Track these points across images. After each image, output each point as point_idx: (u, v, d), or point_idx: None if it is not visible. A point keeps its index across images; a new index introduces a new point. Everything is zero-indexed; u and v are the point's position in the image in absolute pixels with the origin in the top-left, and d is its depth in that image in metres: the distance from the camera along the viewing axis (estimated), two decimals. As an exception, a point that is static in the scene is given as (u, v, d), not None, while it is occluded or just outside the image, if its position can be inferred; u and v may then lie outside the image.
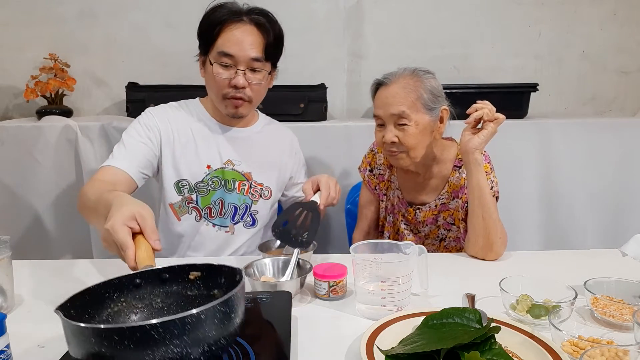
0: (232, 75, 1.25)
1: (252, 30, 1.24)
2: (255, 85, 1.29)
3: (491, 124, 1.19)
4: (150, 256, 0.82)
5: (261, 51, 1.26)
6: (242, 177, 1.38)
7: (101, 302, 0.73)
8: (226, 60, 1.24)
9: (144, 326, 0.56)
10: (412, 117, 1.23)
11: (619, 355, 0.68)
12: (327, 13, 2.18)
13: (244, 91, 1.28)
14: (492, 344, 0.69)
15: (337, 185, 1.22)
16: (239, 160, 1.38)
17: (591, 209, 2.05)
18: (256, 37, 1.25)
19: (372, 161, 1.50)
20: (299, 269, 1.04)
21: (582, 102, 2.34)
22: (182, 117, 1.36)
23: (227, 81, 1.26)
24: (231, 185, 1.36)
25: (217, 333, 0.62)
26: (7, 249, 0.93)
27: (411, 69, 1.28)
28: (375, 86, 1.30)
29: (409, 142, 1.25)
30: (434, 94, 1.25)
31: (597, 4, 2.23)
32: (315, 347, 0.80)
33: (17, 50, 2.16)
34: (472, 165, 1.20)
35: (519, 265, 1.17)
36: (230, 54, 1.23)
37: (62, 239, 1.98)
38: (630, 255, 0.94)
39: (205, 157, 1.35)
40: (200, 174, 1.34)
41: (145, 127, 1.31)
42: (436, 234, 1.43)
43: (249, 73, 1.26)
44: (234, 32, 1.23)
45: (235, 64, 1.24)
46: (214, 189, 1.35)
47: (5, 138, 1.91)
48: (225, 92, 1.27)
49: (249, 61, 1.25)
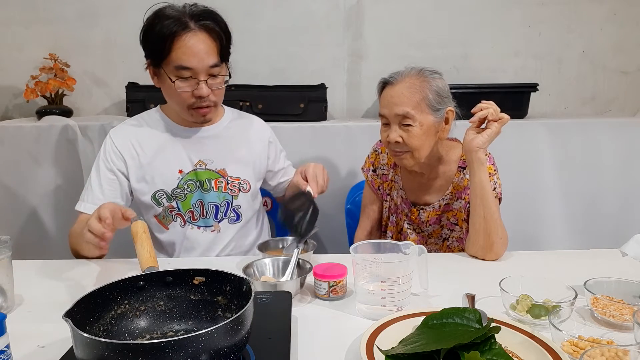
0: (193, 87, 1.23)
1: (205, 38, 1.21)
2: (217, 89, 1.28)
3: (495, 123, 1.19)
4: (153, 257, 0.82)
5: (217, 56, 1.24)
6: (216, 174, 1.37)
7: (105, 305, 0.74)
8: (185, 73, 1.21)
9: (159, 343, 0.56)
10: (416, 117, 1.23)
11: (619, 355, 0.68)
12: (327, 13, 2.18)
13: (208, 98, 1.26)
14: (492, 344, 0.69)
15: (325, 172, 1.24)
16: (210, 159, 1.37)
17: (591, 209, 2.05)
18: (209, 43, 1.22)
19: (376, 161, 1.49)
20: (299, 269, 1.04)
21: (582, 102, 2.34)
22: (142, 131, 1.36)
23: (190, 93, 1.24)
24: (207, 185, 1.36)
25: (227, 347, 0.62)
26: (7, 249, 0.93)
27: (418, 68, 1.27)
28: (381, 85, 1.30)
29: (413, 142, 1.25)
30: (440, 95, 1.25)
31: (597, 4, 2.23)
32: (315, 347, 0.80)
33: (17, 50, 2.16)
34: (475, 164, 1.20)
35: (519, 265, 1.17)
36: (189, 67, 1.20)
37: (62, 239, 1.98)
38: (630, 255, 0.94)
39: (175, 162, 1.34)
40: (174, 180, 1.34)
41: (108, 162, 1.32)
42: (439, 234, 1.43)
43: (209, 80, 1.24)
44: (187, 44, 1.19)
45: (195, 75, 1.22)
46: (191, 192, 1.35)
47: (5, 138, 1.91)
48: (190, 103, 1.26)
49: (208, 69, 1.23)
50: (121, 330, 0.75)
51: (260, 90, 2.00)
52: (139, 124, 1.38)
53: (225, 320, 0.62)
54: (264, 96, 1.99)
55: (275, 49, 2.19)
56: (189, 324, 0.79)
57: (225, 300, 0.78)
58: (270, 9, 2.15)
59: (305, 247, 1.17)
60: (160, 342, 0.56)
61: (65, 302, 0.71)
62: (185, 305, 0.79)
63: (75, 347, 0.61)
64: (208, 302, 0.79)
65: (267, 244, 1.21)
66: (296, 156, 1.94)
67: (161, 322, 0.78)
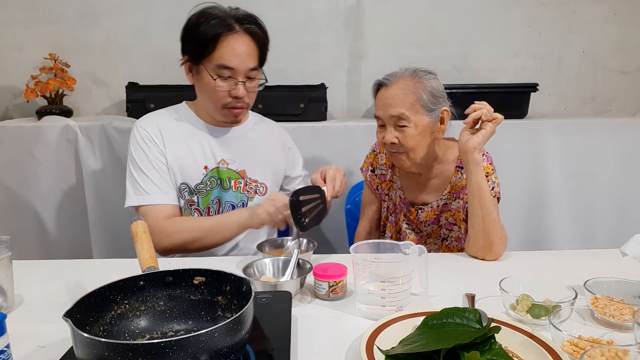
0: (231, 87, 1.27)
1: (248, 41, 1.26)
2: (252, 92, 1.33)
3: (490, 123, 1.19)
4: (153, 257, 0.82)
5: (257, 60, 1.29)
6: (237, 175, 1.39)
7: (105, 304, 0.74)
8: (226, 72, 1.25)
9: (159, 343, 0.56)
10: (411, 118, 1.23)
11: (619, 355, 0.68)
12: (327, 13, 2.18)
13: (243, 100, 1.30)
14: (492, 344, 0.69)
15: (344, 178, 1.23)
16: (232, 159, 1.39)
17: (591, 209, 2.05)
18: (252, 47, 1.27)
19: (374, 161, 1.50)
20: (299, 269, 1.04)
21: (582, 102, 2.34)
22: (172, 123, 1.37)
23: (227, 92, 1.28)
24: (227, 184, 1.38)
25: (227, 347, 0.62)
26: (7, 249, 0.93)
27: (412, 69, 1.27)
28: (376, 87, 1.30)
29: (408, 143, 1.25)
30: (434, 95, 1.25)
31: (597, 4, 2.23)
32: (315, 347, 0.80)
33: (17, 50, 2.16)
34: (471, 165, 1.20)
35: (519, 265, 1.17)
36: (231, 67, 1.24)
37: (62, 239, 1.98)
38: (630, 255, 0.94)
39: (201, 158, 1.36)
40: (199, 175, 1.35)
41: (150, 148, 1.32)
42: (438, 234, 1.43)
43: (247, 82, 1.29)
44: (231, 44, 1.24)
45: (234, 75, 1.26)
46: (211, 189, 1.37)
47: (5, 138, 1.91)
48: (226, 102, 1.30)
49: (247, 71, 1.27)
50: (121, 330, 0.75)
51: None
52: (167, 115, 1.39)
53: (225, 320, 0.62)
54: (264, 96, 1.97)
55: (275, 49, 2.17)
56: (189, 324, 0.79)
57: (225, 301, 0.78)
58: (270, 9, 2.15)
59: (306, 247, 1.17)
60: (160, 342, 0.56)
61: (65, 302, 0.71)
62: (185, 305, 0.79)
63: (75, 347, 0.61)
64: (208, 302, 0.79)
65: (267, 243, 1.21)
66: (296, 156, 1.94)
67: (161, 322, 0.78)
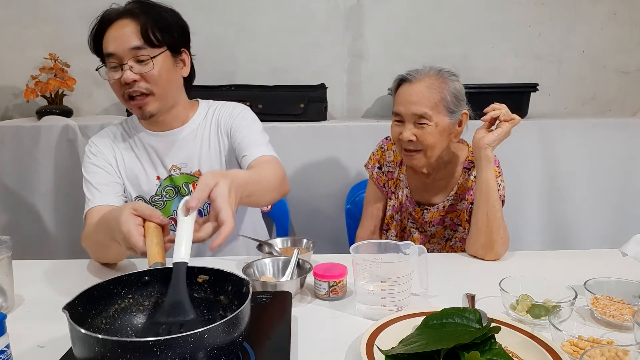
0: (121, 74, 1.17)
1: (126, 22, 1.17)
2: (149, 75, 1.17)
3: (507, 124, 1.20)
4: (161, 253, 0.81)
5: (139, 38, 1.16)
6: (193, 177, 1.31)
7: (109, 298, 0.74)
8: (112, 60, 1.17)
9: (147, 342, 0.56)
10: (433, 118, 1.22)
11: (619, 355, 0.68)
12: (327, 13, 2.18)
13: (138, 85, 1.17)
14: (492, 344, 0.69)
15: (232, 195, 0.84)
16: (183, 162, 1.31)
17: (591, 209, 2.05)
18: (130, 26, 1.16)
19: (382, 158, 1.48)
20: (299, 269, 1.04)
21: (582, 102, 2.34)
22: (121, 137, 1.33)
23: (119, 81, 1.18)
24: (185, 190, 1.31)
25: (220, 347, 0.62)
26: (7, 249, 0.93)
27: (437, 68, 1.26)
28: (398, 82, 1.28)
29: (427, 140, 1.24)
30: (457, 97, 1.24)
31: (597, 4, 2.23)
32: (315, 347, 0.80)
33: (17, 50, 2.16)
34: (483, 161, 1.20)
35: (519, 265, 1.17)
36: (112, 52, 1.16)
37: (62, 239, 1.98)
38: (630, 255, 0.94)
39: (151, 169, 1.30)
40: (153, 187, 1.30)
41: (99, 159, 1.28)
42: (442, 234, 1.43)
43: (136, 65, 1.16)
44: (111, 32, 1.17)
45: (120, 62, 1.16)
46: (170, 199, 1.31)
47: (5, 138, 1.91)
48: (124, 94, 1.20)
49: (130, 52, 1.15)
50: (123, 324, 0.75)
51: (260, 90, 2.00)
52: (116, 130, 1.35)
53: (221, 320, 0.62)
54: (264, 96, 1.99)
55: (275, 49, 2.19)
56: None
57: (227, 300, 0.78)
58: (270, 9, 2.15)
59: (306, 247, 1.17)
60: (148, 341, 0.56)
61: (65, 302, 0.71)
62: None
63: (72, 341, 0.62)
64: (211, 301, 0.79)
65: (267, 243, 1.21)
66: (296, 156, 1.94)
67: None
